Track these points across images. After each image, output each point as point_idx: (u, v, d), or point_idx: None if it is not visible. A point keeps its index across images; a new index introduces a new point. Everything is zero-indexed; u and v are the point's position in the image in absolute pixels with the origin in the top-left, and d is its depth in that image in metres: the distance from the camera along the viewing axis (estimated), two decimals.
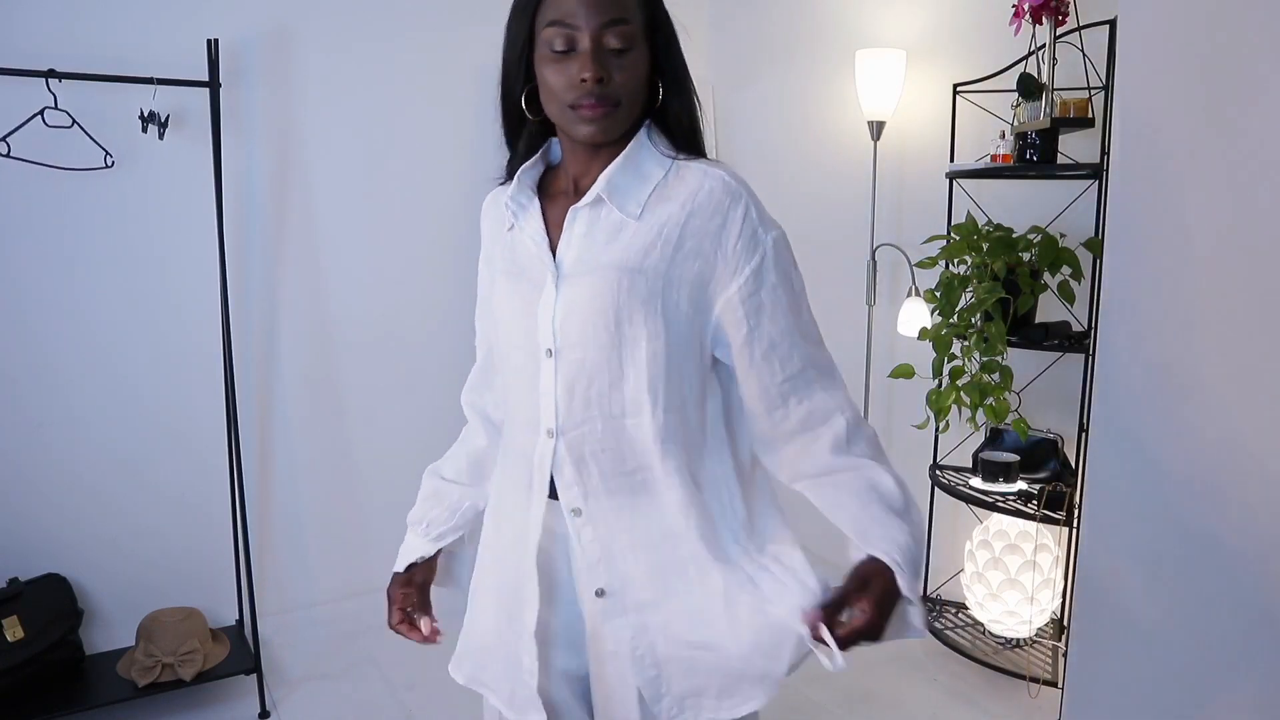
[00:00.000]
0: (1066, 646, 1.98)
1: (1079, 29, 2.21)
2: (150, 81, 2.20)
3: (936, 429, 2.61)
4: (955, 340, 2.40)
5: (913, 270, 2.63)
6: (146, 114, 2.23)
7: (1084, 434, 2.20)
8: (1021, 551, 2.37)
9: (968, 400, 2.32)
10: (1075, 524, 2.16)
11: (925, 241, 2.55)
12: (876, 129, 2.68)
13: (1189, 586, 1.52)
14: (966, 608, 2.58)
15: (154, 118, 2.23)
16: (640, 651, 1.06)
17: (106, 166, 2.26)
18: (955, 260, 2.40)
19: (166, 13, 2.37)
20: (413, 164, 2.80)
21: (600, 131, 0.98)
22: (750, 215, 0.99)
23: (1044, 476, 2.41)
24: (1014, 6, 2.25)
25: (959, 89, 2.54)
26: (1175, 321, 1.52)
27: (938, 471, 2.62)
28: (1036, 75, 2.26)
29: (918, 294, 2.61)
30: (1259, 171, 1.36)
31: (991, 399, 2.30)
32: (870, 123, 2.69)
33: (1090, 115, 2.21)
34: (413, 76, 2.77)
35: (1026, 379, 2.44)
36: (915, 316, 2.58)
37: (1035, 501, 2.29)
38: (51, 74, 2.10)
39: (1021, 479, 2.41)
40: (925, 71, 2.69)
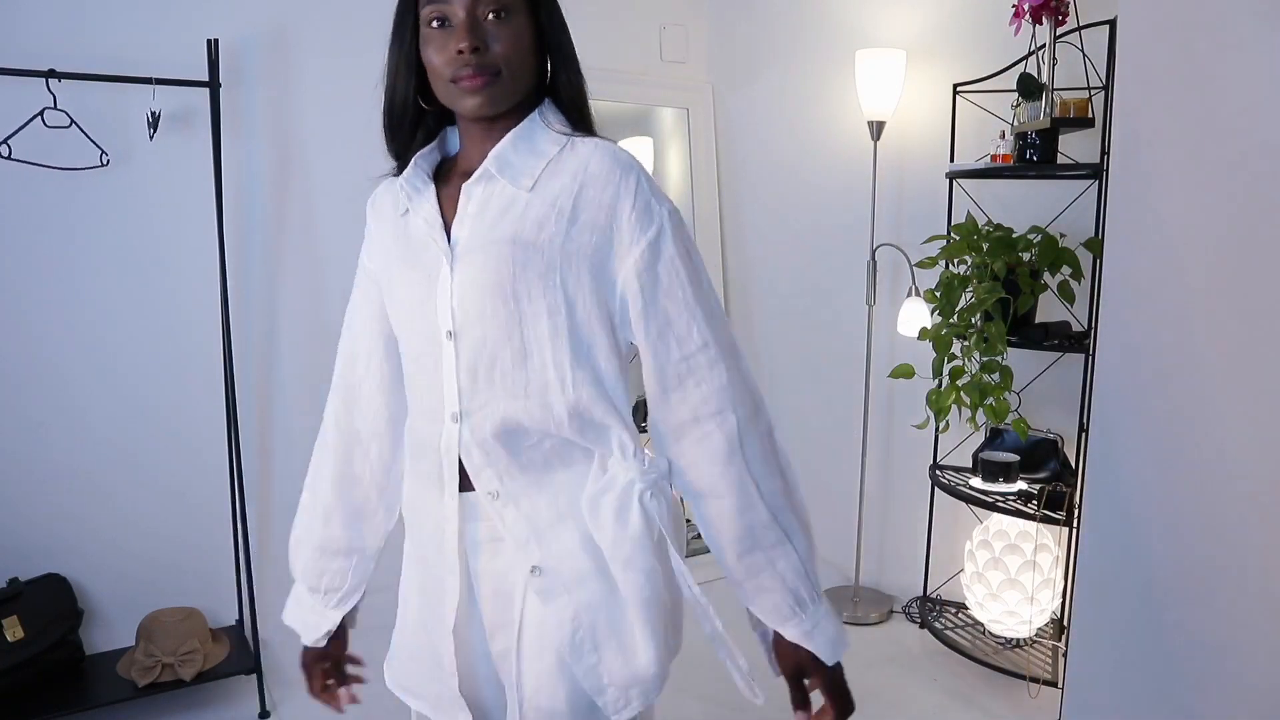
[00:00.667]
0: (1066, 646, 1.98)
1: (1079, 29, 2.21)
2: (150, 81, 2.20)
3: (936, 429, 2.62)
4: (955, 340, 2.40)
5: (913, 270, 2.63)
6: (152, 116, 2.23)
7: (1084, 434, 2.20)
8: (1021, 551, 2.37)
9: (968, 400, 2.32)
10: (1075, 524, 2.16)
11: (925, 241, 2.55)
12: (876, 129, 2.69)
13: (1189, 586, 1.52)
14: (966, 608, 2.59)
15: (156, 118, 2.23)
16: (580, 635, 1.01)
17: (102, 165, 2.26)
18: (955, 260, 2.40)
19: (166, 13, 2.37)
20: None
21: (486, 102, 0.98)
22: (643, 186, 0.99)
23: (1044, 476, 2.41)
24: (1014, 6, 2.25)
25: (959, 89, 2.54)
26: (1175, 321, 1.52)
27: (938, 471, 2.62)
28: (1036, 75, 2.27)
29: (918, 294, 2.61)
30: (1259, 171, 1.36)
31: (991, 399, 2.30)
32: (870, 123, 2.69)
33: (1090, 115, 2.21)
34: None
35: (1026, 379, 2.45)
36: (915, 316, 2.58)
37: (1035, 501, 2.29)
38: (51, 74, 2.10)
39: (1021, 479, 2.41)
40: (925, 71, 2.69)
